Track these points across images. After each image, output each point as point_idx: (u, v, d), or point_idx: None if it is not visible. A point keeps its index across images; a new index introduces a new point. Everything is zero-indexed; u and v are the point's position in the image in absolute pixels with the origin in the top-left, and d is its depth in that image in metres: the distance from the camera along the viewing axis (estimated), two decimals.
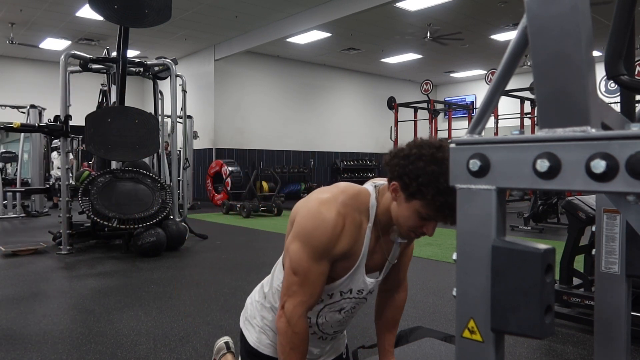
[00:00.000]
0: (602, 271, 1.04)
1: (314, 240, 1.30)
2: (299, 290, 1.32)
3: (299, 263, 1.32)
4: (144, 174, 5.30)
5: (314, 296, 1.34)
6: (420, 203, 1.23)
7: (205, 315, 2.94)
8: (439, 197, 1.18)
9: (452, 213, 1.17)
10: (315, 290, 1.34)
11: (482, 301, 0.67)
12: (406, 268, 1.61)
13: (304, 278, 1.32)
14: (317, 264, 1.31)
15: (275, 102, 12.56)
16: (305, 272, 1.32)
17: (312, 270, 1.32)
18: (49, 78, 11.61)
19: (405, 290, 1.66)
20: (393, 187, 1.28)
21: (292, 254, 1.34)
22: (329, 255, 1.32)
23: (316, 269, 1.32)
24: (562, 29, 0.59)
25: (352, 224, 1.33)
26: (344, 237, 1.32)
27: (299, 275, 1.32)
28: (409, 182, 1.22)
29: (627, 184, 0.55)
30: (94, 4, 4.64)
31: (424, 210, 1.24)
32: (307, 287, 1.32)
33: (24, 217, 8.26)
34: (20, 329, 2.72)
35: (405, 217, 1.28)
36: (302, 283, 1.32)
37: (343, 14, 8.39)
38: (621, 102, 1.18)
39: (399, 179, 1.25)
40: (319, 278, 1.33)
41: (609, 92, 10.86)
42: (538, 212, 6.52)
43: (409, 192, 1.24)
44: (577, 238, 2.74)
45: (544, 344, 2.47)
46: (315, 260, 1.31)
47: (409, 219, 1.28)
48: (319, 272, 1.32)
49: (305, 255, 1.31)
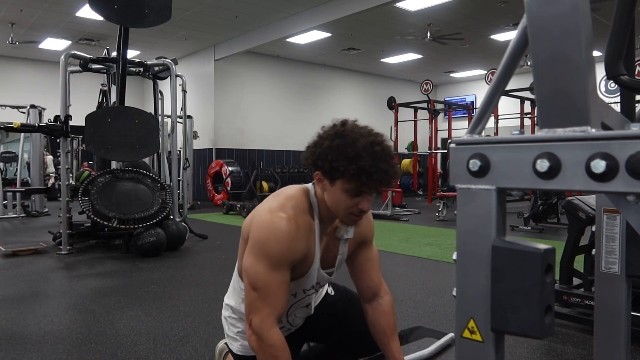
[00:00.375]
0: (602, 271, 1.04)
1: (269, 250, 1.29)
2: (262, 305, 1.29)
3: (256, 277, 1.30)
4: (144, 174, 5.30)
5: (278, 307, 1.31)
6: (341, 181, 1.26)
7: (205, 315, 2.94)
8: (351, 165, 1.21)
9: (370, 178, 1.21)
10: (278, 301, 1.31)
11: (482, 301, 0.67)
12: (376, 272, 1.59)
13: (265, 292, 1.29)
14: (276, 274, 1.29)
15: (275, 102, 12.56)
16: (265, 285, 1.29)
17: (272, 281, 1.29)
18: (49, 78, 11.61)
19: (387, 293, 1.61)
20: (317, 178, 1.32)
21: (249, 269, 1.32)
22: (287, 262, 1.31)
23: (276, 279, 1.30)
24: (562, 29, 0.59)
25: (304, 227, 1.34)
26: (299, 242, 1.32)
27: (260, 290, 1.30)
28: (323, 164, 1.26)
29: (627, 184, 0.55)
30: (94, 4, 4.63)
31: (347, 185, 1.25)
32: (269, 300, 1.30)
33: (24, 217, 8.25)
34: (20, 329, 2.72)
35: (337, 200, 1.29)
36: (264, 297, 1.29)
37: (343, 14, 8.39)
38: (621, 102, 1.18)
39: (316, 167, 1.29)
40: (281, 287, 1.31)
41: (609, 92, 10.86)
42: (538, 212, 6.52)
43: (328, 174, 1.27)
44: (577, 238, 2.74)
45: (544, 344, 2.47)
46: (274, 270, 1.29)
47: (340, 202, 1.29)
48: (279, 281, 1.30)
49: (262, 268, 1.29)
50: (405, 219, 7.98)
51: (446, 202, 7.95)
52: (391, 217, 8.14)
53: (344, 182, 1.26)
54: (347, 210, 1.31)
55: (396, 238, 6.04)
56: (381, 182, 1.25)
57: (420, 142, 12.63)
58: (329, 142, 1.26)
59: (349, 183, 1.25)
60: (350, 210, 1.31)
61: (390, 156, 1.28)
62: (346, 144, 1.22)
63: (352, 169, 1.22)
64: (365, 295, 1.58)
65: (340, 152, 1.23)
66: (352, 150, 1.21)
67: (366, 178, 1.22)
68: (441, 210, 7.88)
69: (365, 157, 1.21)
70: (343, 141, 1.23)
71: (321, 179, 1.32)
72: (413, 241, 5.78)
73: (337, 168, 1.24)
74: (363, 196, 1.28)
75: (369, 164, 1.21)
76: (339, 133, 1.26)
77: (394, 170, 1.27)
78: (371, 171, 1.21)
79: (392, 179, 1.28)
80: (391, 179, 1.27)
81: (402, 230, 6.72)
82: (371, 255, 1.59)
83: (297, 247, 1.32)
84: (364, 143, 1.23)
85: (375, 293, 1.58)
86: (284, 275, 1.32)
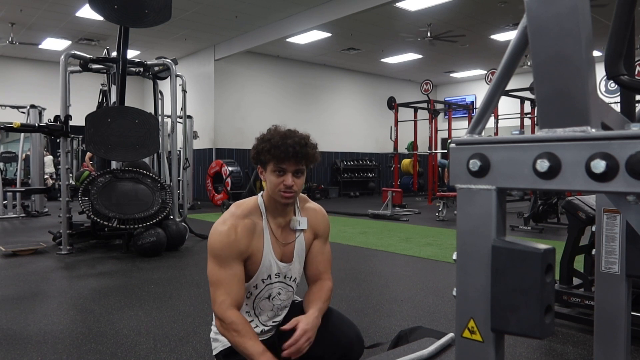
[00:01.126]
0: (602, 271, 1.05)
1: (216, 250, 1.59)
2: (218, 293, 1.57)
3: (211, 274, 1.60)
4: (144, 174, 5.30)
5: (232, 294, 1.57)
6: (268, 164, 1.59)
7: (205, 315, 2.94)
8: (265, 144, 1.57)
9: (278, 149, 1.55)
10: (231, 290, 1.58)
11: (482, 301, 0.67)
12: (324, 264, 1.79)
13: (218, 284, 1.58)
14: (225, 269, 1.58)
15: (275, 102, 12.56)
16: (217, 279, 1.58)
17: (222, 275, 1.58)
18: (49, 78, 11.61)
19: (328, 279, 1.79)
20: (260, 172, 1.66)
21: (208, 268, 1.62)
22: (232, 257, 1.59)
23: (226, 273, 1.58)
24: (562, 29, 0.59)
25: (246, 225, 1.63)
26: (241, 240, 1.60)
27: (214, 284, 1.59)
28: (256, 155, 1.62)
29: (627, 184, 0.55)
30: (94, 4, 4.63)
31: (272, 165, 1.58)
32: (223, 289, 1.57)
33: (24, 217, 8.25)
34: (20, 329, 2.72)
35: (270, 184, 1.62)
36: (218, 288, 1.58)
37: (343, 14, 8.38)
38: (621, 102, 1.18)
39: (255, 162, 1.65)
40: (232, 279, 1.58)
41: (609, 92, 10.86)
42: (538, 212, 6.52)
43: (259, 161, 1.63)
44: (577, 238, 2.74)
45: (544, 344, 2.47)
46: (223, 266, 1.58)
47: (272, 182, 1.60)
48: (229, 274, 1.58)
49: (214, 265, 1.60)
50: (405, 219, 7.98)
51: (446, 202, 7.95)
52: (391, 217, 8.14)
53: (269, 163, 1.59)
54: (276, 188, 1.60)
55: (396, 238, 6.04)
56: (290, 154, 1.55)
57: (420, 142, 12.63)
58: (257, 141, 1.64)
59: (271, 160, 1.58)
60: (278, 187, 1.59)
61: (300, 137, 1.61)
62: (266, 134, 1.63)
63: (266, 145, 1.57)
64: (310, 280, 1.80)
65: (261, 139, 1.61)
66: (267, 135, 1.61)
67: (276, 150, 1.55)
68: (441, 210, 7.88)
69: (275, 137, 1.58)
70: (267, 135, 1.62)
71: (261, 171, 1.65)
72: (413, 241, 5.78)
73: (259, 150, 1.60)
74: (285, 174, 1.58)
75: (277, 139, 1.57)
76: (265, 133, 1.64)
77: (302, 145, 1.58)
78: (278, 144, 1.56)
79: (302, 153, 1.57)
80: (301, 152, 1.57)
81: (402, 230, 6.72)
82: (324, 250, 1.80)
83: (239, 244, 1.60)
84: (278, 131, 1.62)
85: (319, 279, 1.78)
86: (233, 269, 1.59)
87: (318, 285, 1.75)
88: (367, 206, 9.50)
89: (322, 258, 1.78)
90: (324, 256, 1.78)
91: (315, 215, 1.78)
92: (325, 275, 1.78)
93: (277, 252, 1.69)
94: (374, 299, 3.34)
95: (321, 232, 1.79)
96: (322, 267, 1.77)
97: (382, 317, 2.94)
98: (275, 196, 1.62)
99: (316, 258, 1.77)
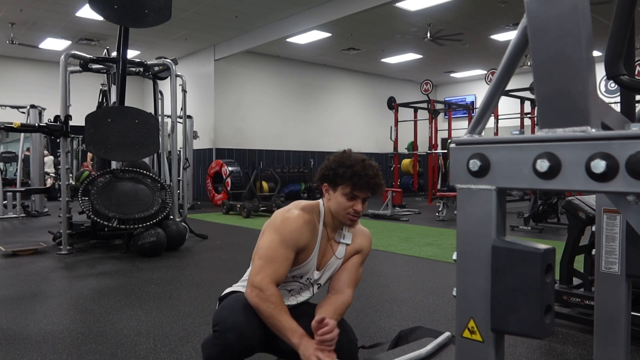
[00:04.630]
0: (602, 271, 1.05)
1: (283, 230, 1.65)
2: (266, 268, 1.60)
3: (268, 247, 1.63)
4: (144, 174, 5.30)
5: (277, 273, 1.60)
6: (341, 186, 1.66)
7: (205, 315, 2.94)
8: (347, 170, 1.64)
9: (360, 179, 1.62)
10: (279, 269, 1.61)
11: (482, 301, 0.67)
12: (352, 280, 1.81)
13: (271, 259, 1.61)
14: (283, 249, 1.63)
15: (275, 102, 12.56)
16: (273, 254, 1.62)
17: (279, 253, 1.62)
18: (49, 78, 11.61)
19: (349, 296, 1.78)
20: (325, 189, 1.73)
21: (263, 243, 1.66)
22: (293, 243, 1.64)
23: (282, 253, 1.62)
24: (562, 29, 0.59)
25: (310, 222, 1.71)
26: (305, 231, 1.67)
27: (267, 258, 1.62)
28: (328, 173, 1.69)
29: (627, 184, 0.55)
30: (94, 4, 4.63)
31: (346, 189, 1.65)
32: (273, 266, 1.60)
33: (24, 217, 8.25)
34: (20, 329, 2.72)
35: (338, 203, 1.69)
36: (269, 263, 1.61)
37: (343, 14, 8.38)
38: (621, 102, 1.18)
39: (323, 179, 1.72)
40: (284, 262, 1.63)
41: (609, 92, 10.86)
42: (538, 212, 6.52)
43: (331, 181, 1.69)
44: (577, 238, 2.74)
45: (544, 344, 2.47)
46: (282, 246, 1.63)
47: (340, 204, 1.68)
48: (284, 256, 1.63)
49: (274, 242, 1.63)
50: (405, 219, 7.98)
51: (446, 202, 7.95)
52: (391, 217, 8.14)
53: (343, 186, 1.66)
54: (345, 210, 1.68)
55: (396, 238, 6.04)
56: (369, 185, 1.65)
57: (420, 142, 12.62)
58: (329, 161, 1.71)
59: (346, 185, 1.65)
60: (347, 210, 1.68)
61: (377, 169, 1.69)
62: (344, 157, 1.69)
63: (348, 172, 1.64)
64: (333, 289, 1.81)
65: (340, 163, 1.67)
66: (348, 161, 1.67)
67: (357, 179, 1.63)
68: (441, 210, 7.88)
69: (357, 165, 1.65)
70: (342, 156, 1.70)
71: (327, 189, 1.72)
72: (413, 241, 5.78)
73: (337, 173, 1.66)
74: (357, 199, 1.67)
75: (360, 169, 1.64)
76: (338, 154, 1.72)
77: (378, 178, 1.67)
78: (361, 174, 1.64)
79: (377, 185, 1.66)
80: (376, 185, 1.66)
81: (402, 230, 6.72)
82: (357, 269, 1.83)
83: (304, 233, 1.66)
84: (357, 157, 1.70)
85: (340, 291, 1.79)
86: (289, 253, 1.63)
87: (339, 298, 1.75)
88: (367, 206, 9.49)
89: (353, 273, 1.81)
90: (355, 273, 1.82)
91: (362, 235, 1.85)
92: (348, 290, 1.79)
93: (319, 259, 1.76)
94: (374, 299, 3.34)
95: (363, 251, 1.85)
96: (348, 281, 1.80)
97: (382, 317, 2.94)
98: (341, 217, 1.70)
99: (347, 271, 1.80)
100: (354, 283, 1.81)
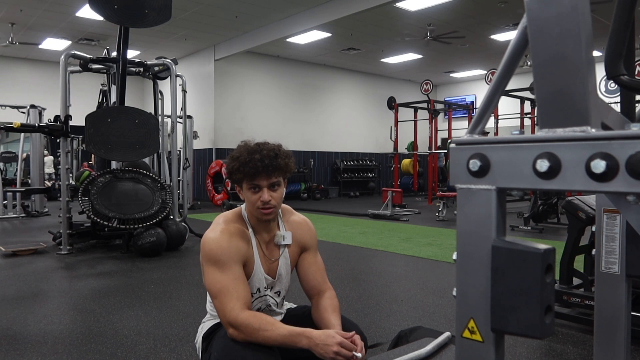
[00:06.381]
0: (602, 271, 1.05)
1: (213, 255, 1.51)
2: (225, 301, 1.47)
3: (212, 283, 1.51)
4: (144, 174, 5.30)
5: (240, 297, 1.49)
6: (242, 182, 1.55)
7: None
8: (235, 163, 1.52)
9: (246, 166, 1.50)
10: (238, 292, 1.49)
11: (482, 301, 0.67)
12: (320, 274, 1.73)
13: (223, 291, 1.48)
14: (227, 273, 1.50)
15: (275, 102, 12.56)
16: (222, 285, 1.49)
17: (226, 279, 1.49)
18: (49, 78, 11.61)
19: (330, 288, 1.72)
20: (238, 191, 1.61)
21: (206, 281, 1.54)
22: (232, 260, 1.52)
23: (229, 277, 1.50)
24: (562, 29, 0.59)
25: (238, 231, 1.58)
26: (237, 242, 1.55)
27: (219, 292, 1.49)
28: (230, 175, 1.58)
29: (627, 184, 0.55)
30: (94, 4, 4.63)
31: (246, 183, 1.54)
32: (229, 295, 1.48)
33: (24, 217, 8.25)
34: (20, 329, 2.72)
35: (248, 201, 1.58)
36: (224, 294, 1.48)
37: (343, 14, 8.38)
38: (621, 102, 1.18)
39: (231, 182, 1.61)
40: (237, 282, 1.50)
41: (609, 92, 10.87)
42: (538, 212, 6.52)
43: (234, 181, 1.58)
44: (577, 238, 2.74)
45: (544, 344, 2.47)
46: (224, 270, 1.50)
47: (249, 200, 1.57)
48: (232, 278, 1.50)
49: (213, 273, 1.51)
50: (405, 219, 7.98)
51: (446, 202, 7.95)
52: (391, 217, 8.14)
53: (244, 183, 1.55)
54: (254, 205, 1.55)
55: (396, 238, 6.04)
56: (259, 168, 1.51)
57: (420, 142, 12.62)
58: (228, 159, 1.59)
59: (244, 179, 1.53)
60: (256, 204, 1.55)
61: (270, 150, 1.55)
62: (235, 151, 1.57)
63: (236, 165, 1.53)
64: (311, 293, 1.73)
65: (232, 158, 1.56)
66: (236, 152, 1.56)
67: (246, 168, 1.51)
68: (441, 210, 7.88)
69: (243, 154, 1.54)
70: (236, 154, 1.56)
71: (239, 190, 1.60)
72: (413, 241, 5.78)
73: (232, 170, 1.56)
74: (261, 190, 1.54)
75: (245, 156, 1.53)
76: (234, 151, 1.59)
77: (271, 158, 1.52)
78: (246, 161, 1.52)
79: (272, 165, 1.52)
80: (270, 165, 1.52)
81: (402, 230, 6.72)
82: (315, 260, 1.75)
83: (236, 245, 1.54)
84: (246, 147, 1.57)
85: (320, 290, 1.71)
86: (235, 272, 1.51)
87: (327, 299, 1.67)
88: (367, 206, 9.50)
89: (317, 269, 1.73)
90: (317, 267, 1.74)
91: (300, 228, 1.73)
92: (325, 285, 1.73)
93: (265, 266, 1.64)
94: (374, 299, 3.34)
95: (309, 244, 1.74)
96: (319, 277, 1.73)
97: (382, 317, 2.94)
98: (256, 213, 1.57)
99: (311, 270, 1.72)
100: (324, 274, 1.75)
